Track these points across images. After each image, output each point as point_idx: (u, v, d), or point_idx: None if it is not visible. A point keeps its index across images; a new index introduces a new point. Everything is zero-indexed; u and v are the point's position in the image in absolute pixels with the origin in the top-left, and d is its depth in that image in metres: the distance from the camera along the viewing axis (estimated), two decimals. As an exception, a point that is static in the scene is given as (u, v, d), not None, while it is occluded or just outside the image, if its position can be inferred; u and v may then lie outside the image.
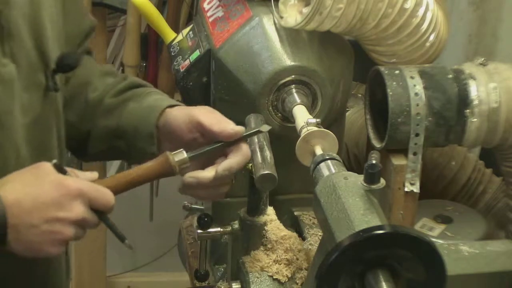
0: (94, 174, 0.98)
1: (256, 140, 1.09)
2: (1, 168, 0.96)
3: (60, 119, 1.11)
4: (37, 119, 1.03)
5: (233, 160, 1.04)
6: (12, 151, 0.99)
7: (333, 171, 0.99)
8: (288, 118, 1.24)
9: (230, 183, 1.07)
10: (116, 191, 0.98)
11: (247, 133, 1.07)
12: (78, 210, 0.91)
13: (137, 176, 1.01)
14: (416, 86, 1.22)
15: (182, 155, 1.02)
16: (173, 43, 1.45)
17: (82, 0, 1.25)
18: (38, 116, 1.03)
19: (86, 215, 0.92)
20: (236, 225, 1.19)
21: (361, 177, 0.90)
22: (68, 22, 1.13)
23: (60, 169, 0.94)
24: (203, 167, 1.06)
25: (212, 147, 1.05)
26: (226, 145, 1.05)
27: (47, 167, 0.93)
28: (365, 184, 0.88)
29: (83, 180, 0.95)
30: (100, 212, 0.95)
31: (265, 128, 1.08)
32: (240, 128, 1.05)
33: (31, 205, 0.89)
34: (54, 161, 0.95)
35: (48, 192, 0.90)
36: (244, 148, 1.05)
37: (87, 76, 1.20)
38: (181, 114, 1.09)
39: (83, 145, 1.19)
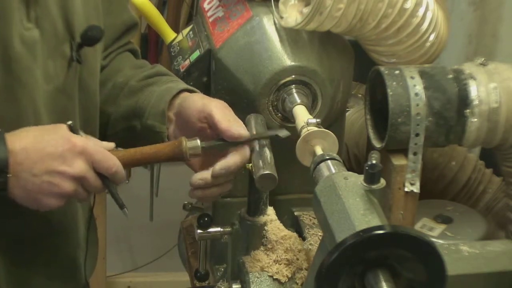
0: (110, 145, 1.00)
1: (256, 140, 1.09)
2: (20, 124, 0.97)
3: (86, 92, 1.11)
4: (59, 88, 1.04)
5: (230, 160, 1.04)
6: (31, 111, 1.01)
7: (333, 171, 0.99)
8: (288, 118, 1.24)
9: (230, 183, 1.07)
10: (124, 163, 0.99)
11: (264, 135, 1.07)
12: (80, 166, 0.94)
13: (147, 153, 1.02)
14: (416, 86, 1.22)
15: (196, 142, 1.03)
16: (173, 43, 1.45)
17: None
18: (61, 84, 1.05)
19: (87, 174, 0.95)
20: (236, 225, 1.19)
21: (361, 177, 0.90)
22: (108, 11, 1.16)
23: (73, 130, 0.97)
24: (202, 166, 1.06)
25: (221, 143, 1.05)
26: (232, 144, 1.05)
27: (61, 126, 0.97)
28: (365, 184, 0.88)
29: (92, 142, 0.98)
30: (104, 177, 0.97)
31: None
32: (245, 133, 1.05)
33: (36, 155, 0.93)
34: (69, 122, 0.98)
35: (54, 145, 0.94)
36: (245, 149, 1.05)
37: (120, 65, 1.23)
38: (197, 101, 1.09)
39: (102, 128, 1.20)
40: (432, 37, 1.29)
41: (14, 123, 0.98)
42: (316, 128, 1.09)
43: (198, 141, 1.03)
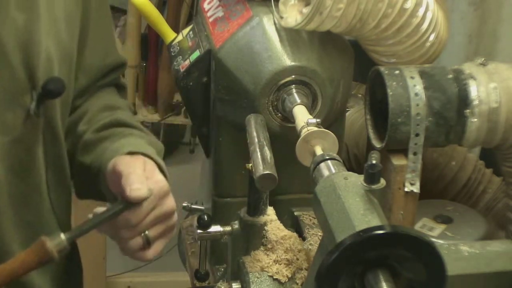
0: None
1: (256, 140, 1.09)
2: None
3: (52, 143, 1.04)
4: (17, 140, 0.97)
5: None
6: None
7: (333, 171, 0.99)
8: (288, 118, 1.23)
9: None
10: None
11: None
12: None
13: (11, 269, 0.88)
14: (416, 86, 1.22)
15: (59, 239, 0.90)
16: (173, 43, 1.45)
17: (112, 36, 1.19)
18: (18, 137, 0.97)
19: None
20: (236, 225, 1.19)
21: (361, 177, 0.90)
22: (91, 53, 1.09)
23: None
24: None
25: (104, 216, 0.94)
26: (126, 207, 0.94)
27: None
28: (365, 184, 0.88)
29: None
30: None
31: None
32: (142, 193, 0.94)
33: None
34: None
35: None
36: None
37: (88, 106, 1.15)
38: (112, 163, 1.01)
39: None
40: (432, 37, 1.29)
41: None
42: (316, 128, 1.09)
43: (62, 236, 0.90)
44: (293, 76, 1.24)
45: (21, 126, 0.97)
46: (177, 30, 1.52)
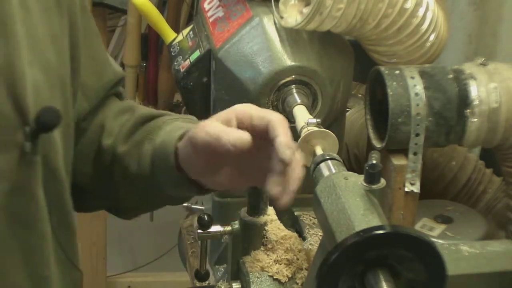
0: None
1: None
2: None
3: (55, 184, 0.92)
4: (16, 186, 0.85)
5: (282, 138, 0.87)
6: None
7: (333, 171, 0.99)
8: (288, 118, 1.23)
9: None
10: None
11: None
12: None
13: None
14: (416, 86, 1.22)
15: None
16: (173, 43, 1.45)
17: (103, 52, 1.09)
18: (17, 182, 0.85)
19: None
20: (236, 225, 1.19)
21: (361, 177, 0.90)
22: (86, 73, 1.00)
23: None
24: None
25: None
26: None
27: None
28: (365, 184, 0.88)
29: None
30: None
31: None
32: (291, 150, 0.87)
33: None
34: None
35: None
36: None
37: (102, 120, 1.06)
38: (184, 145, 0.92)
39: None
40: (432, 37, 1.29)
41: None
42: (316, 128, 1.09)
43: None
44: (293, 76, 1.24)
45: (18, 169, 0.85)
46: (177, 30, 1.52)
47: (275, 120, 0.87)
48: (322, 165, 1.01)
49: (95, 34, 1.05)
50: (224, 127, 0.87)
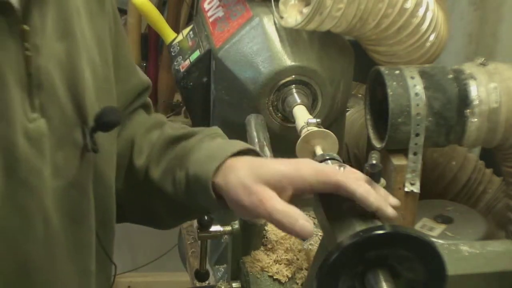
0: None
1: (256, 140, 1.09)
2: (30, 238, 0.83)
3: (101, 183, 0.94)
4: (71, 182, 0.87)
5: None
6: (40, 219, 0.84)
7: (333, 171, 0.98)
8: (288, 118, 1.24)
9: None
10: None
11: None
12: None
13: None
14: (416, 86, 1.22)
15: None
16: (173, 43, 1.45)
17: (131, 60, 1.10)
18: (73, 179, 0.87)
19: None
20: (236, 225, 1.18)
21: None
22: (117, 79, 1.00)
23: None
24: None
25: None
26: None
27: None
28: (365, 184, 0.88)
29: None
30: None
31: None
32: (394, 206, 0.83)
33: None
34: None
35: None
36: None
37: (132, 135, 1.05)
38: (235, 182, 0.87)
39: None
40: (432, 37, 1.29)
41: (20, 233, 0.82)
42: (316, 128, 1.09)
43: None
44: (293, 76, 1.24)
45: (75, 167, 0.87)
46: (177, 30, 1.53)
47: (341, 180, 0.82)
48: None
49: (124, 41, 1.07)
50: (281, 204, 0.83)
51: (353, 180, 0.82)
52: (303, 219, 0.81)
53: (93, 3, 0.93)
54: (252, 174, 0.86)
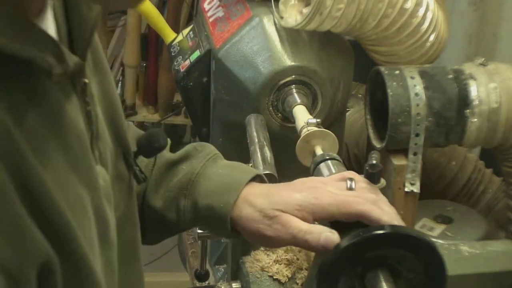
0: None
1: (256, 140, 1.09)
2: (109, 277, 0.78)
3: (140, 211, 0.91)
4: (126, 215, 0.84)
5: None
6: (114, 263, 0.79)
7: (333, 171, 0.99)
8: (288, 118, 1.24)
9: None
10: None
11: None
12: None
13: None
14: (416, 86, 1.22)
15: None
16: (173, 43, 1.45)
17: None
18: (125, 211, 0.83)
19: None
20: (236, 225, 1.19)
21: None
22: None
23: None
24: None
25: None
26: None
27: None
28: (365, 184, 0.88)
29: None
30: None
31: None
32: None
33: None
34: None
35: None
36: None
37: None
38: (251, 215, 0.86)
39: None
40: (432, 37, 1.29)
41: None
42: (316, 128, 1.09)
43: None
44: (293, 76, 1.24)
45: (125, 199, 0.84)
46: (177, 30, 1.53)
47: (364, 210, 0.81)
48: (322, 165, 1.01)
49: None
50: (304, 224, 0.82)
51: (376, 208, 0.81)
52: (326, 231, 0.80)
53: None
54: (269, 203, 0.84)
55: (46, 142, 0.62)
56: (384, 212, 0.80)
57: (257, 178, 0.92)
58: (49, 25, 0.67)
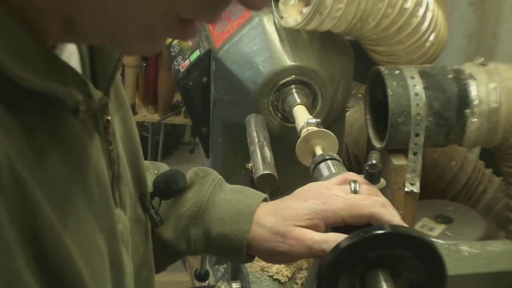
0: None
1: (256, 140, 1.09)
2: None
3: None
4: (143, 260, 0.82)
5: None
6: None
7: (333, 171, 0.98)
8: (288, 118, 1.24)
9: None
10: None
11: None
12: None
13: None
14: (416, 86, 1.22)
15: None
16: (173, 43, 1.45)
17: None
18: (142, 256, 0.81)
19: None
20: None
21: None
22: None
23: None
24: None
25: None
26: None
27: None
28: (365, 184, 0.88)
29: None
30: None
31: None
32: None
33: None
34: None
35: None
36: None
37: None
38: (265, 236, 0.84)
39: None
40: (432, 37, 1.29)
41: None
42: (316, 128, 1.09)
43: None
44: (293, 76, 1.24)
45: (144, 244, 0.81)
46: (177, 30, 1.52)
47: (374, 212, 0.80)
48: (322, 165, 1.01)
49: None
50: (317, 234, 0.81)
51: (387, 211, 0.80)
52: (341, 238, 0.79)
53: None
54: (279, 219, 0.84)
55: (67, 187, 0.57)
56: (394, 215, 0.80)
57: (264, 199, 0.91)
58: (72, 57, 0.62)
